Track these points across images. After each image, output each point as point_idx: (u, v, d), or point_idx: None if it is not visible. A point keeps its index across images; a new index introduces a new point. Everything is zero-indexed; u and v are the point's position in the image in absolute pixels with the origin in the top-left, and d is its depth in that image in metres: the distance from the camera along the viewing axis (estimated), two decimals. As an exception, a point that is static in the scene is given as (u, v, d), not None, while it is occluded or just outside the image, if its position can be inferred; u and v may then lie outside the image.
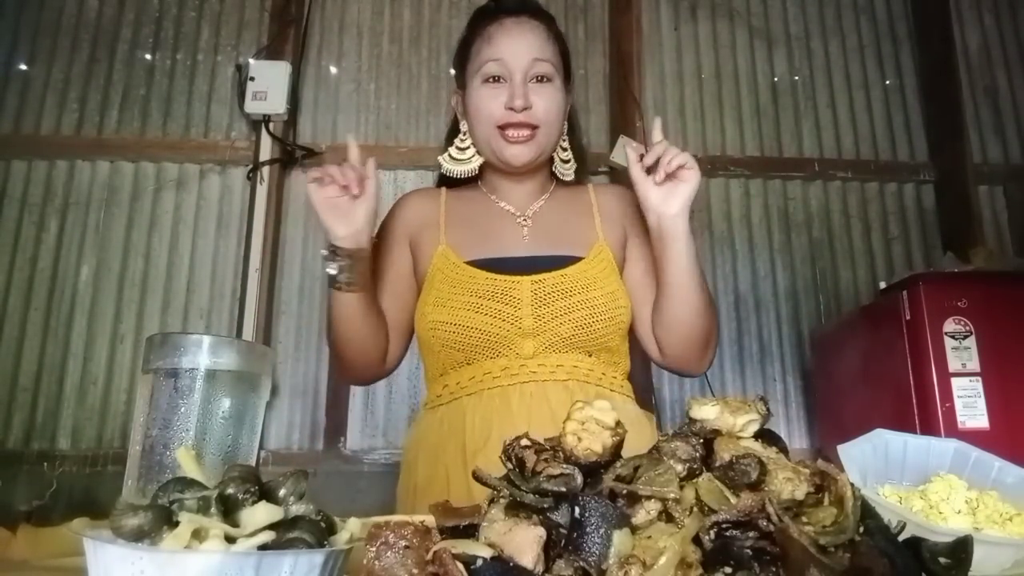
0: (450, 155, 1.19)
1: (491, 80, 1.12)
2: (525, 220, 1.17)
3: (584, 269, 1.10)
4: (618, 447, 0.44)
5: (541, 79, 1.13)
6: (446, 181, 1.24)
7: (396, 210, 1.23)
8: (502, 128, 1.11)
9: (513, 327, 1.05)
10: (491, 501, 0.45)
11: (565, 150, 1.21)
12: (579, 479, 0.42)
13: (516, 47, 1.12)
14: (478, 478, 0.47)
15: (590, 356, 1.09)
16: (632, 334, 1.16)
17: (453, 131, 1.23)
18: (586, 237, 1.15)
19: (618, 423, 0.45)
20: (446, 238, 1.15)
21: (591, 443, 0.43)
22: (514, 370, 1.05)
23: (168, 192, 2.76)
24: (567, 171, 1.21)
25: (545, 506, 0.41)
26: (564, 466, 0.42)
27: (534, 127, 1.11)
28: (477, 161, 1.18)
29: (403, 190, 2.82)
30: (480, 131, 1.14)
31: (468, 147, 1.18)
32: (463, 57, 1.20)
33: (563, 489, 0.41)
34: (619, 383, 1.13)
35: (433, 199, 1.23)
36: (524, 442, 0.46)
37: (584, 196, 1.22)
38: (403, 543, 0.41)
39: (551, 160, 1.20)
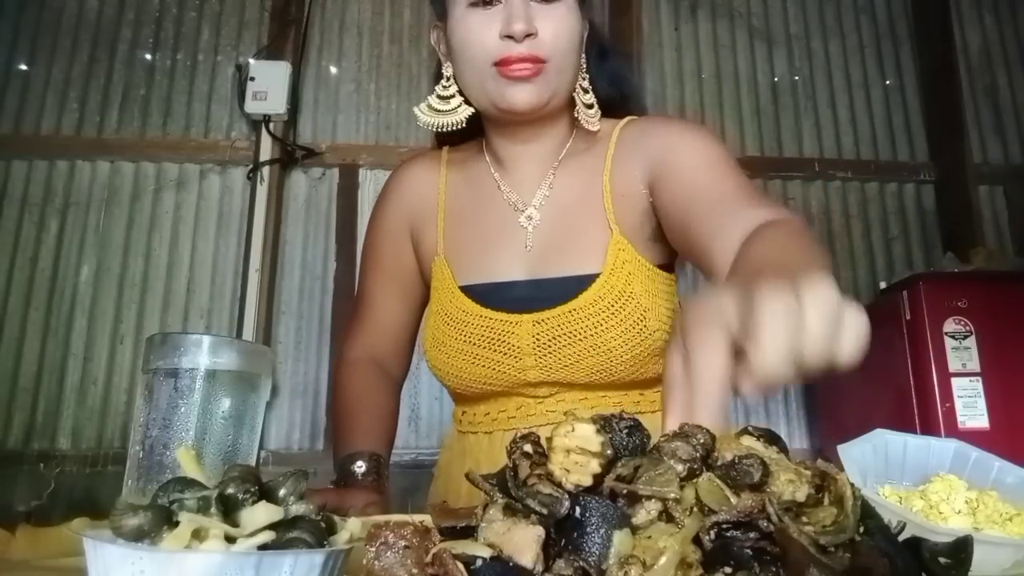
0: (429, 104, 0.94)
1: (481, 2, 0.87)
2: (529, 218, 0.96)
3: (596, 298, 0.88)
4: (608, 466, 0.44)
5: None
6: (445, 138, 1.04)
7: (390, 195, 1.07)
8: (499, 65, 0.85)
9: (517, 377, 0.91)
10: (487, 504, 0.45)
11: (587, 91, 0.94)
12: (565, 504, 0.42)
13: None
14: (471, 480, 0.47)
15: (616, 387, 0.92)
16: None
17: (436, 80, 0.98)
18: (598, 235, 0.92)
19: (603, 443, 0.45)
20: (443, 245, 1.00)
21: (579, 477, 0.43)
22: (531, 409, 0.92)
23: (168, 192, 2.76)
24: (591, 118, 0.94)
25: (536, 511, 0.41)
26: (554, 489, 0.42)
27: (541, 60, 0.86)
28: (464, 111, 0.92)
29: (403, 190, 2.83)
30: (470, 71, 0.89)
31: (452, 95, 0.93)
32: None
33: (544, 512, 0.41)
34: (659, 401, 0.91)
35: (430, 178, 1.04)
36: (526, 447, 0.46)
37: (599, 159, 0.96)
38: (403, 543, 0.41)
39: (570, 103, 0.94)
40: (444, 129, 0.93)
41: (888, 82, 3.13)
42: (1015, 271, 2.27)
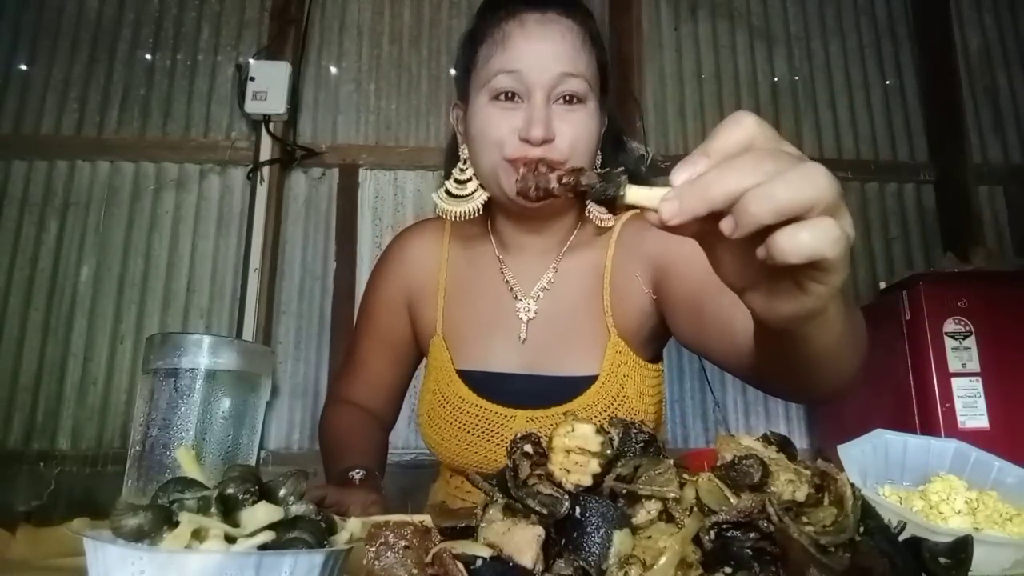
0: (447, 190, 0.94)
1: (503, 97, 0.87)
2: (527, 307, 0.96)
3: (592, 402, 0.89)
4: (608, 467, 0.44)
5: (570, 100, 0.87)
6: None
7: (392, 263, 1.07)
8: (512, 161, 0.86)
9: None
10: (486, 504, 0.45)
11: None
12: (565, 504, 0.42)
13: (539, 57, 0.86)
14: (471, 480, 0.47)
15: None
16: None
17: (452, 155, 1.00)
18: (596, 335, 0.93)
19: (603, 443, 0.45)
20: (442, 325, 1.00)
21: (579, 477, 0.43)
22: None
23: (168, 192, 2.76)
24: (602, 215, 0.94)
25: (536, 511, 0.41)
26: (555, 489, 0.42)
27: (555, 166, 0.80)
28: (480, 198, 0.93)
29: (403, 190, 2.83)
30: (485, 161, 0.89)
31: (469, 179, 0.93)
32: (468, 60, 0.94)
33: (545, 512, 0.41)
34: None
35: (434, 252, 1.04)
36: (527, 447, 0.46)
37: (600, 257, 0.96)
38: (403, 543, 0.41)
39: (580, 195, 1.00)
40: (458, 218, 0.93)
41: (888, 82, 3.13)
42: (1015, 271, 2.27)
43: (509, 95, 0.87)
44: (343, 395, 1.10)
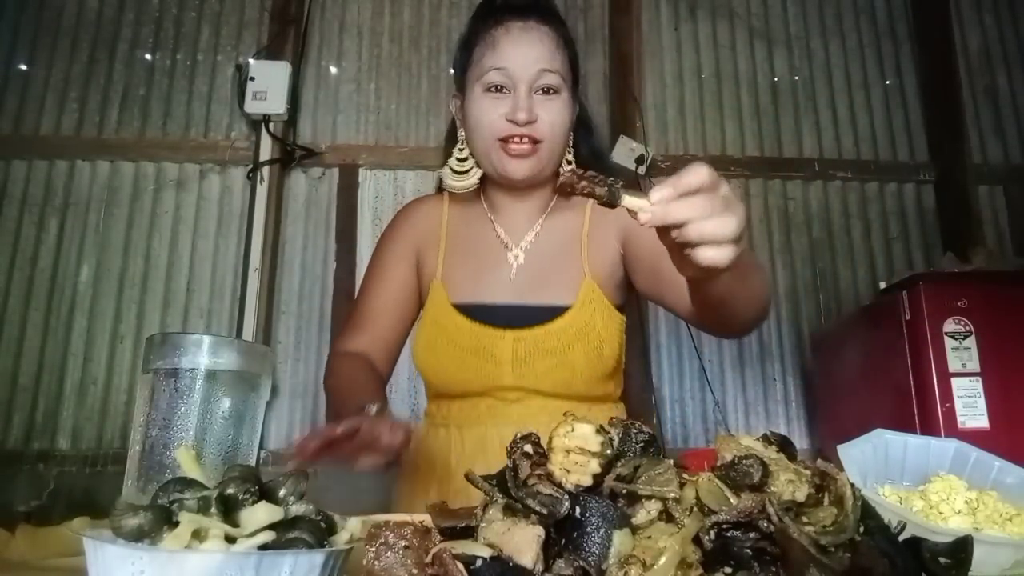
0: (451, 168, 1.14)
1: (493, 89, 1.07)
2: (516, 255, 1.14)
3: (567, 324, 1.07)
4: (608, 467, 0.44)
5: (548, 91, 1.07)
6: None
7: (401, 224, 1.23)
8: (503, 141, 1.06)
9: (494, 382, 1.07)
10: (486, 504, 0.45)
11: (570, 162, 1.14)
12: (565, 504, 0.42)
13: (522, 56, 1.06)
14: (471, 480, 0.47)
15: (574, 399, 1.08)
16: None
17: (451, 137, 1.20)
18: (573, 276, 1.12)
19: (603, 443, 0.45)
20: (442, 270, 1.16)
21: (579, 476, 0.43)
22: (498, 411, 1.08)
23: (168, 192, 2.76)
24: None
25: (536, 511, 0.41)
26: (555, 489, 0.42)
27: (537, 141, 1.06)
28: (476, 175, 1.13)
29: (403, 190, 2.83)
30: (479, 142, 1.10)
31: (467, 158, 1.14)
32: (464, 60, 1.14)
33: (545, 512, 0.41)
34: (609, 413, 1.06)
35: (436, 213, 1.22)
36: (527, 448, 0.46)
37: (579, 217, 1.16)
38: (403, 543, 0.41)
39: (556, 174, 1.14)
40: (462, 192, 1.15)
41: (888, 82, 3.13)
42: (1015, 271, 2.27)
43: (499, 87, 1.07)
44: (347, 343, 1.18)
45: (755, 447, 0.45)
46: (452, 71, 1.22)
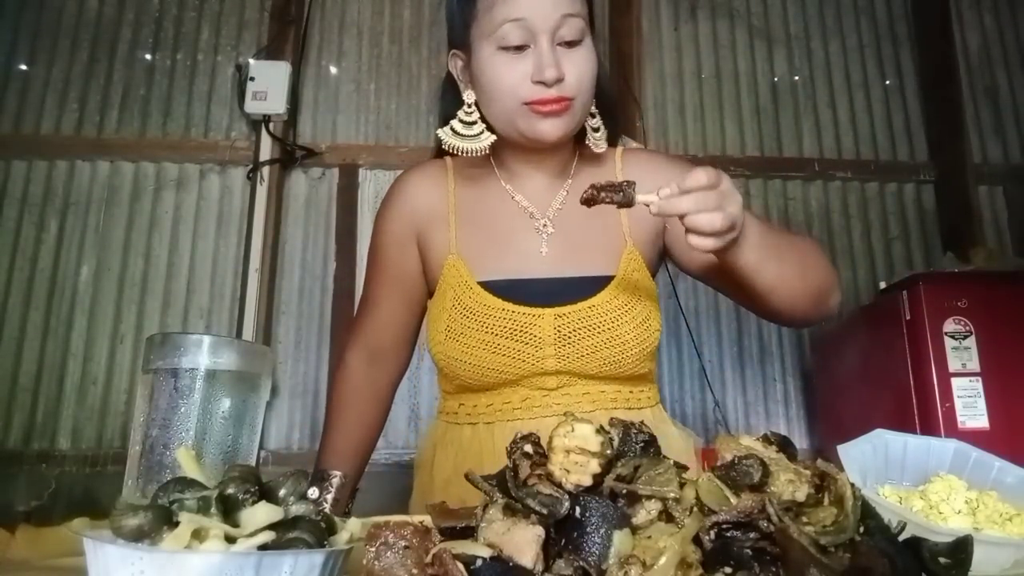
0: (454, 128, 0.99)
1: (511, 48, 0.91)
2: (545, 225, 1.02)
3: (612, 297, 0.97)
4: (608, 467, 0.44)
5: (572, 43, 0.93)
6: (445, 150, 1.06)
7: (399, 200, 1.09)
8: (530, 104, 0.92)
9: (535, 367, 0.96)
10: (486, 504, 0.45)
11: (594, 116, 1.01)
12: (565, 504, 0.42)
13: (540, 3, 0.91)
14: (471, 480, 0.47)
15: (617, 381, 0.99)
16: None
17: (447, 98, 1.05)
18: (613, 243, 1.01)
19: (603, 443, 0.45)
20: (457, 244, 1.02)
21: (579, 477, 0.43)
22: (536, 401, 0.97)
23: (168, 192, 2.76)
24: (599, 140, 1.01)
25: (536, 511, 0.41)
26: (555, 489, 0.42)
27: (568, 99, 0.92)
28: (488, 139, 0.98)
29: (403, 190, 2.83)
30: (498, 106, 0.95)
31: (476, 121, 0.98)
32: (467, 11, 0.96)
33: (545, 512, 0.41)
34: (650, 400, 1.04)
35: (439, 183, 1.07)
36: (527, 448, 0.46)
37: (610, 176, 1.04)
38: (403, 543, 0.41)
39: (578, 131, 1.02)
40: (467, 154, 0.99)
41: (888, 82, 3.13)
42: (1015, 271, 2.27)
43: (517, 45, 0.92)
44: (355, 345, 1.11)
45: (755, 447, 0.45)
46: (447, 22, 1.04)
